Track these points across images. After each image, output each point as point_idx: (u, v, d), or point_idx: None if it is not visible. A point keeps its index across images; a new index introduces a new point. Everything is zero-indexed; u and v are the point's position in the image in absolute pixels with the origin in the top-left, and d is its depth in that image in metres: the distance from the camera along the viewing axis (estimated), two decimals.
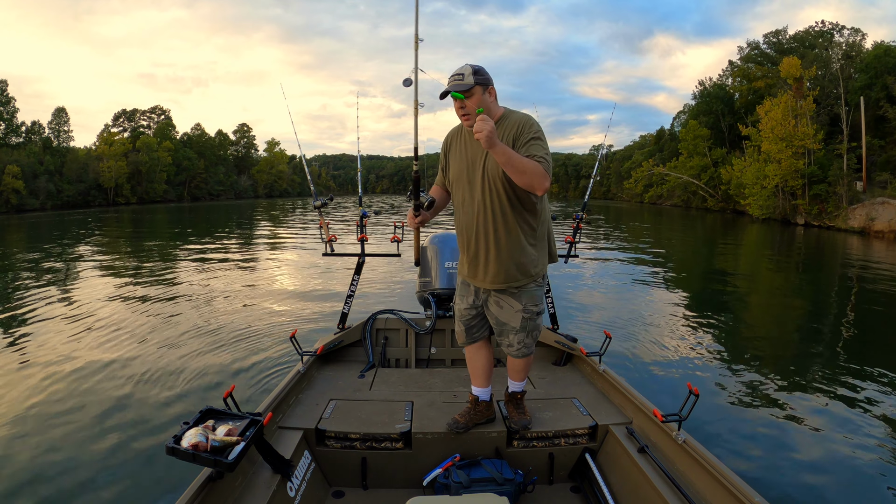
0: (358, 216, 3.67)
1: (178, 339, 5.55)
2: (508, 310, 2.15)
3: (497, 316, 2.18)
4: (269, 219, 31.09)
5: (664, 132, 58.39)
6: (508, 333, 2.19)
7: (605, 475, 2.23)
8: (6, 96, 45.20)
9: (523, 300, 2.13)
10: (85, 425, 3.58)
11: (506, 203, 2.01)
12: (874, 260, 14.52)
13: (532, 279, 2.13)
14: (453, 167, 2.15)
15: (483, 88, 1.97)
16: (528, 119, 2.00)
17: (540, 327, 2.23)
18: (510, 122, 2.01)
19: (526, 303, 2.14)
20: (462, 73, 1.95)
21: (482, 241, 2.08)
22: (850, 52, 33.01)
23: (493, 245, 2.06)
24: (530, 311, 2.15)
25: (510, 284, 2.11)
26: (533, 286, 2.14)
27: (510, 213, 2.02)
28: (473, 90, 1.95)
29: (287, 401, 2.53)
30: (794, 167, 27.76)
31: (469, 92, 1.94)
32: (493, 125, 1.73)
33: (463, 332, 2.35)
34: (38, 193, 41.55)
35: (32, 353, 5.16)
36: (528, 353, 2.24)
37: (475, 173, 2.05)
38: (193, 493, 1.63)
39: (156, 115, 63.33)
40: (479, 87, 1.95)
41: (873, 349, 5.83)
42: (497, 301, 2.17)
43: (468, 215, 2.10)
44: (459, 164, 2.12)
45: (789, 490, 2.91)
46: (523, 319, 2.15)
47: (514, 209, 2.03)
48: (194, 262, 12.08)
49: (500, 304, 2.16)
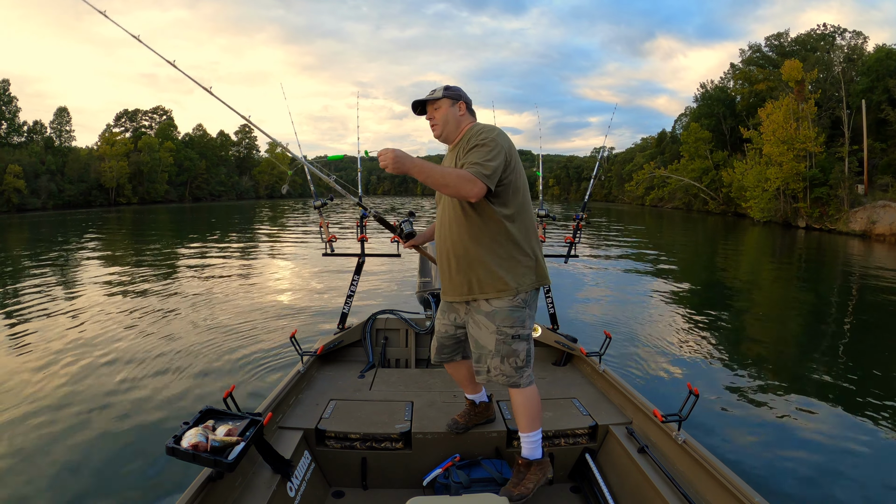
0: (358, 216, 3.67)
1: (178, 339, 5.55)
2: (484, 330, 2.01)
3: (475, 337, 2.06)
4: (270, 220, 31.11)
5: (665, 135, 58.47)
6: (486, 358, 2.03)
7: (605, 475, 2.23)
8: (8, 96, 45.33)
9: (497, 320, 1.98)
10: (85, 425, 3.58)
11: (460, 215, 1.98)
12: (875, 263, 14.51)
13: (501, 294, 1.97)
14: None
15: (452, 101, 2.05)
16: (479, 128, 2.00)
17: (520, 355, 2.00)
18: (465, 135, 2.03)
19: (500, 323, 1.97)
20: (435, 88, 2.09)
21: (444, 254, 2.07)
22: (852, 55, 33.04)
23: (454, 257, 2.03)
24: (504, 332, 1.97)
25: (472, 297, 2.01)
26: (507, 305, 1.97)
27: (466, 224, 1.97)
28: (440, 102, 2.05)
29: (287, 401, 2.53)
30: (795, 170, 27.77)
31: (436, 103, 2.05)
32: (396, 150, 1.74)
33: (435, 349, 2.30)
34: (40, 193, 41.64)
35: (32, 352, 5.16)
36: (511, 383, 2.02)
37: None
38: (193, 493, 1.63)
39: (157, 115, 63.49)
40: (448, 100, 2.04)
41: (873, 351, 5.82)
42: (475, 321, 2.05)
43: (438, 230, 2.12)
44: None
45: (789, 490, 2.91)
46: (497, 342, 1.98)
47: (471, 221, 1.96)
48: (195, 263, 12.09)
49: (478, 325, 2.04)
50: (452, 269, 2.05)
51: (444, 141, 2.12)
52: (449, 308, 2.19)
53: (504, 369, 2.00)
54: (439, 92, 2.05)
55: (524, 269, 2.01)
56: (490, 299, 1.99)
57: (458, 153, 1.99)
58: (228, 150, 74.13)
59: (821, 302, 9.08)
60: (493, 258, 1.98)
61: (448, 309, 2.20)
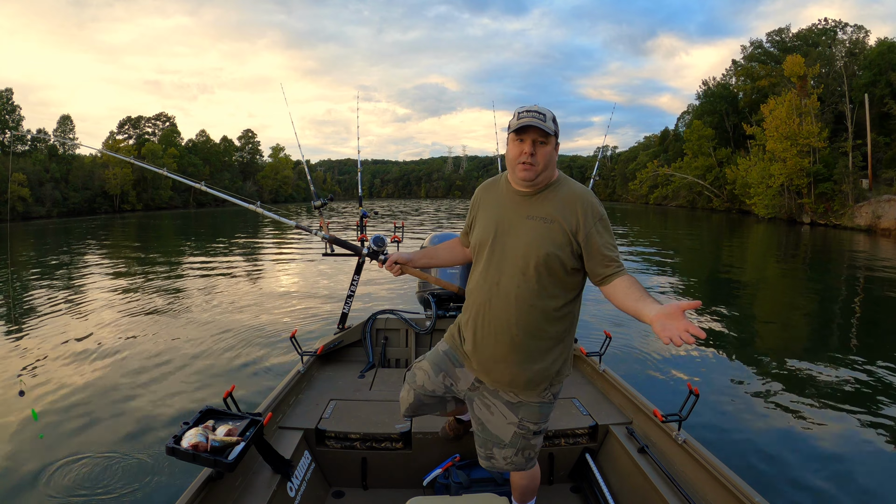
0: (358, 216, 3.69)
1: (179, 339, 5.58)
2: (499, 419, 1.68)
3: (483, 421, 1.72)
4: (271, 222, 31.16)
5: (669, 133, 58.35)
6: (492, 446, 1.71)
7: (605, 475, 2.23)
8: (11, 104, 45.61)
9: (521, 413, 1.66)
10: (84, 425, 3.61)
11: (530, 293, 1.55)
12: (881, 258, 14.41)
13: (542, 392, 1.66)
14: (479, 230, 1.69)
15: (556, 142, 1.57)
16: (590, 195, 1.59)
17: (536, 448, 1.73)
18: (568, 196, 1.58)
19: (524, 417, 1.66)
20: (543, 113, 1.51)
21: (494, 332, 1.60)
22: (854, 50, 32.87)
23: (508, 343, 1.58)
24: (526, 427, 1.67)
25: (513, 390, 1.66)
26: (538, 401, 1.66)
27: (537, 306, 1.56)
28: (550, 139, 1.54)
29: (287, 401, 2.54)
30: (799, 166, 27.65)
31: (547, 139, 1.53)
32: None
33: (410, 405, 1.88)
34: (45, 201, 41.86)
35: (33, 352, 5.21)
36: (517, 468, 1.75)
37: (504, 243, 1.60)
38: (193, 493, 1.64)
39: (161, 121, 63.75)
40: (555, 140, 1.56)
41: (878, 349, 5.78)
42: (487, 404, 1.70)
43: (484, 293, 1.62)
44: (488, 227, 1.65)
45: (790, 490, 2.90)
46: (515, 435, 1.67)
47: (544, 302, 1.56)
48: (197, 265, 12.15)
49: (490, 410, 1.70)
50: (501, 352, 1.61)
51: (529, 185, 1.57)
52: (447, 368, 1.78)
53: (516, 460, 1.71)
54: (550, 123, 1.51)
55: (569, 363, 1.71)
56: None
57: (548, 208, 1.56)
58: (232, 155, 74.40)
59: (825, 298, 9.02)
60: (563, 349, 1.64)
61: (444, 368, 1.78)
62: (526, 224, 1.57)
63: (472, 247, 1.72)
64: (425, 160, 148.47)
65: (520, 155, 1.52)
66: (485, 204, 1.72)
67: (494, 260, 1.61)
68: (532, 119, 1.48)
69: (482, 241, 1.65)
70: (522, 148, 1.52)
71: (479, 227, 1.70)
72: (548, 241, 1.53)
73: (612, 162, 73.26)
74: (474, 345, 1.66)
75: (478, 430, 1.75)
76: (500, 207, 1.64)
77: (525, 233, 1.56)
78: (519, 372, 1.61)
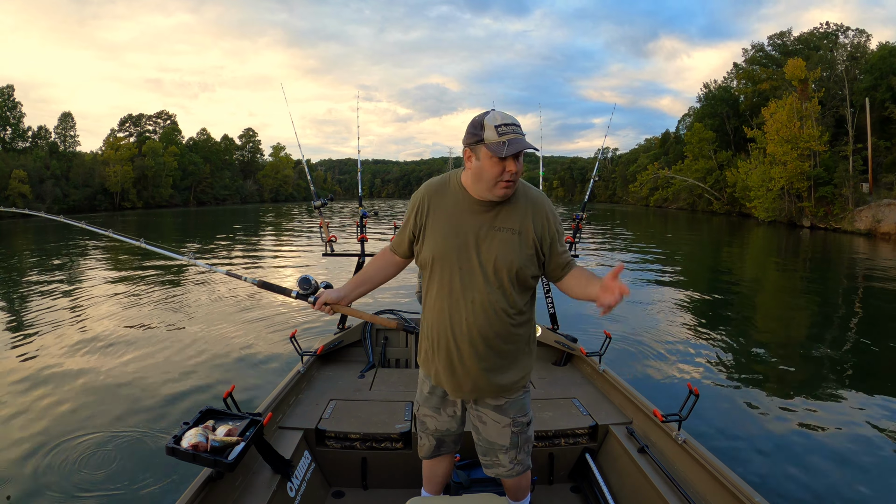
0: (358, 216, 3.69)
1: (178, 339, 5.58)
2: (493, 426, 1.71)
3: (483, 434, 1.74)
4: (272, 222, 31.19)
5: (669, 135, 58.30)
6: (497, 453, 1.74)
7: (605, 475, 2.23)
8: (12, 101, 45.62)
9: (511, 412, 1.69)
10: (85, 425, 3.61)
11: (506, 303, 1.54)
12: (881, 262, 14.42)
13: (523, 389, 1.73)
14: (436, 241, 1.57)
15: None
16: (545, 199, 1.61)
17: (532, 437, 1.79)
18: (530, 204, 1.56)
19: (514, 414, 1.70)
20: (518, 125, 1.45)
21: (472, 348, 1.56)
22: (855, 54, 32.90)
23: (491, 356, 1.58)
24: (520, 423, 1.71)
25: (499, 396, 1.68)
26: (518, 394, 1.71)
27: (511, 314, 1.56)
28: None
29: (287, 401, 2.54)
30: (799, 169, 27.64)
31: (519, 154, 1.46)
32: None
33: (432, 447, 1.83)
34: (45, 198, 41.86)
35: (34, 353, 5.20)
36: (524, 470, 1.78)
37: (472, 258, 1.53)
38: (193, 493, 1.63)
39: (162, 119, 63.76)
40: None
41: (878, 352, 5.78)
42: (479, 417, 1.72)
43: (453, 311, 1.56)
44: (448, 241, 1.55)
45: (790, 490, 2.90)
46: (513, 434, 1.71)
47: (516, 310, 1.57)
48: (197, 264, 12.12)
49: (483, 420, 1.71)
50: (481, 368, 1.59)
51: (501, 198, 1.51)
52: (441, 404, 1.77)
53: (521, 458, 1.74)
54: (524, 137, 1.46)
55: (535, 351, 1.75)
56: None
57: (515, 218, 1.53)
58: (233, 153, 74.44)
59: (825, 301, 9.03)
60: (526, 353, 1.67)
61: (442, 404, 1.77)
62: (496, 236, 1.52)
63: (425, 259, 1.59)
64: (426, 160, 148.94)
65: (502, 174, 1.44)
66: (438, 211, 1.59)
67: (463, 275, 1.53)
68: (519, 141, 1.41)
69: (442, 253, 1.55)
70: (505, 166, 1.43)
71: (433, 237, 1.58)
72: (518, 252, 1.52)
73: (612, 164, 73.27)
74: (452, 368, 1.61)
75: (478, 441, 1.77)
76: (461, 216, 1.55)
77: (496, 245, 1.52)
78: (502, 378, 1.63)
